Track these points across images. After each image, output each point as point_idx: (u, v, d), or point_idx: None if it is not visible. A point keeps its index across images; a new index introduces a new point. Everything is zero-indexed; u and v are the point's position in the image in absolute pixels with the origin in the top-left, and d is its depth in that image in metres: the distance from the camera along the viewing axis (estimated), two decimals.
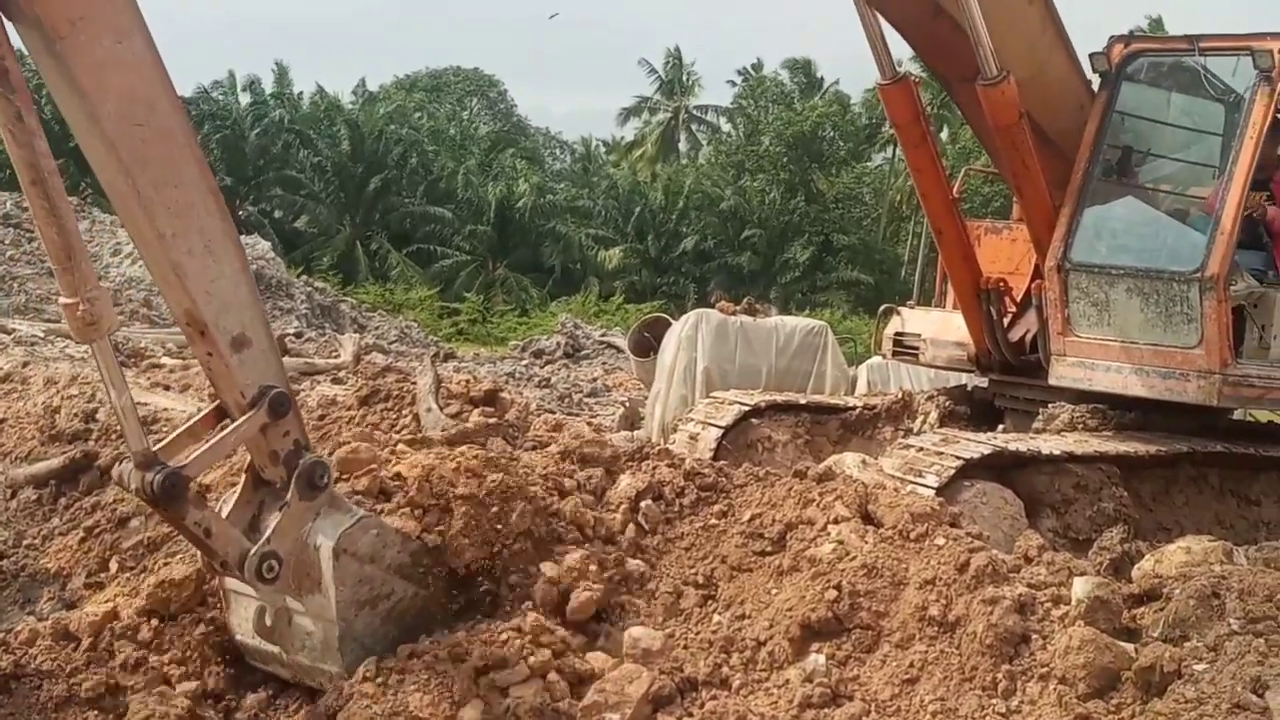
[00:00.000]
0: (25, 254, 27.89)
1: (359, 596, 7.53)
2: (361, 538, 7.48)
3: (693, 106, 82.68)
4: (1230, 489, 11.41)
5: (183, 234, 7.21)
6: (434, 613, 7.71)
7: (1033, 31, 11.73)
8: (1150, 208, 11.88)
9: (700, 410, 13.40)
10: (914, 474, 10.07)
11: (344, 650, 7.41)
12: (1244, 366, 11.08)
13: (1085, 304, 11.51)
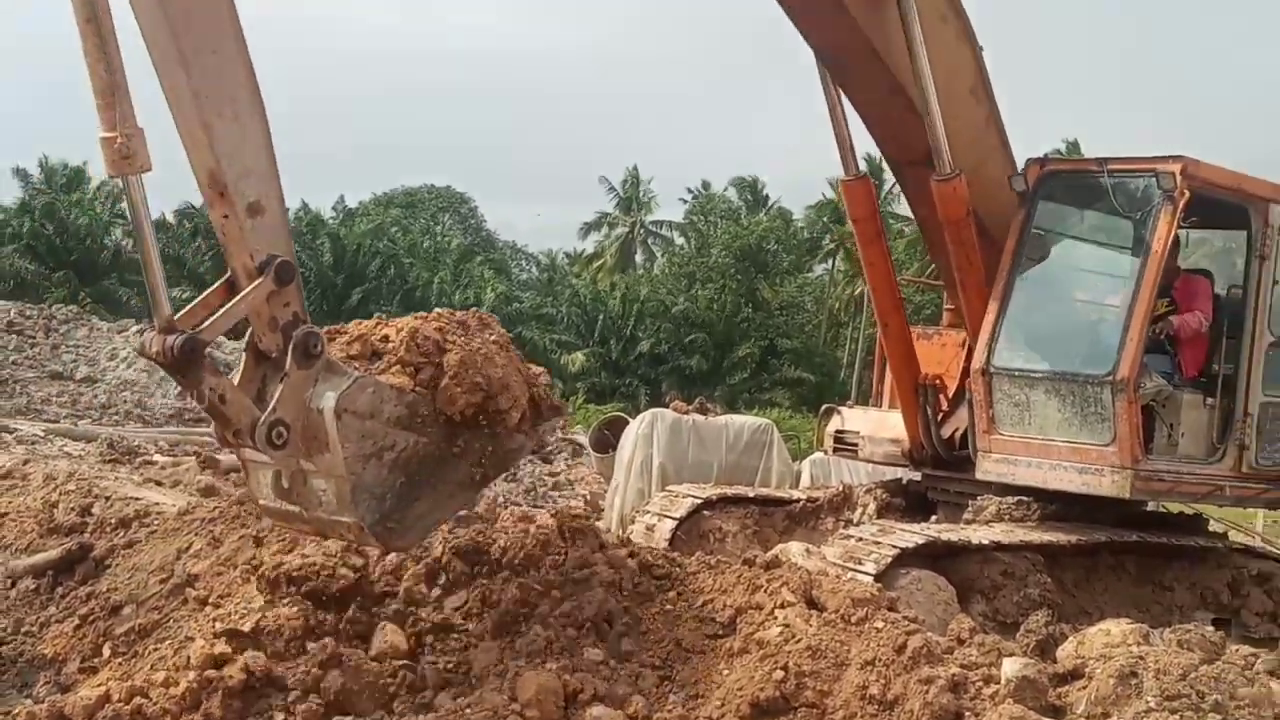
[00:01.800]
0: (27, 358, 27.81)
1: (364, 451, 7.61)
2: (359, 396, 7.55)
3: (649, 221, 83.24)
4: (1146, 576, 11.43)
5: (214, 97, 7.29)
6: (436, 458, 7.89)
7: (978, 129, 11.91)
8: (1066, 315, 11.98)
9: (656, 503, 13.38)
10: (854, 562, 10.07)
11: (357, 502, 7.55)
12: (1154, 462, 11.12)
13: (1008, 405, 11.56)
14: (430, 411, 7.86)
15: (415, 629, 7.71)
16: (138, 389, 27.18)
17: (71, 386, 26.98)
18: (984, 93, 11.93)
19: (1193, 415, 11.53)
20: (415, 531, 7.98)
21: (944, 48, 11.52)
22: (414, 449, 7.87)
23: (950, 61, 11.60)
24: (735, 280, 71.82)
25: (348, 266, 63.20)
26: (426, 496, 7.91)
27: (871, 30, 11.29)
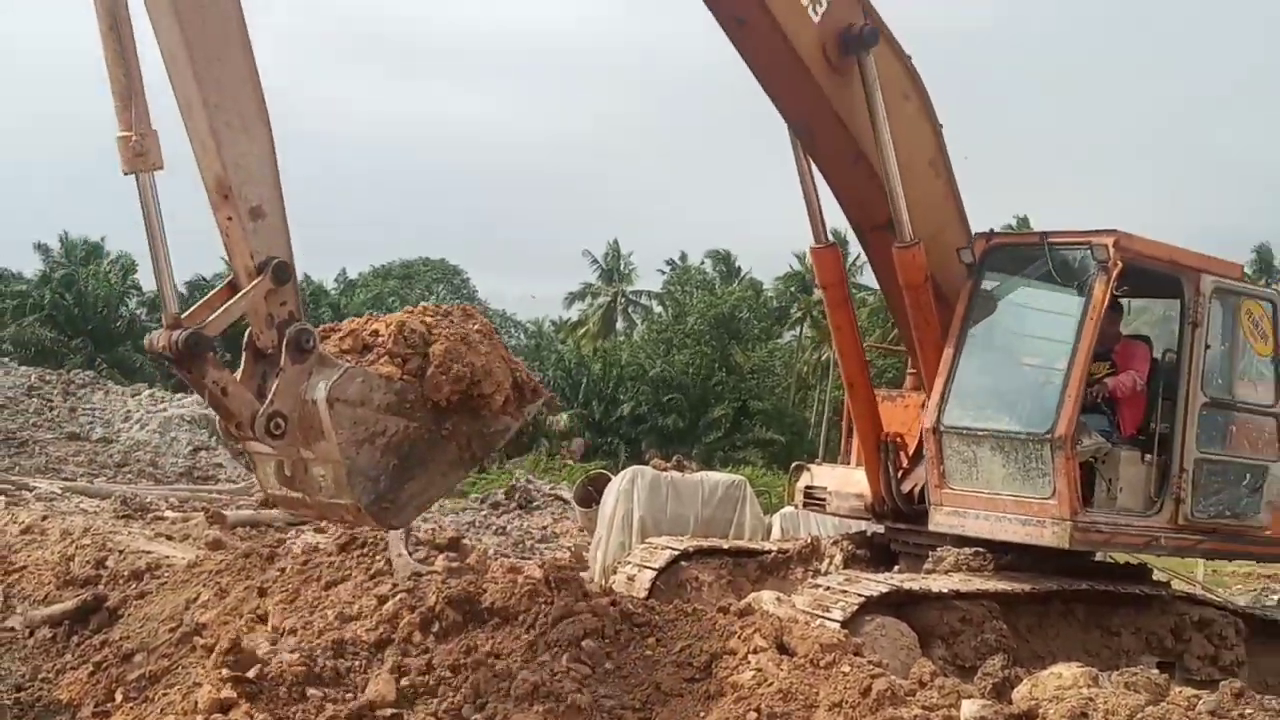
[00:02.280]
0: (46, 420, 27.76)
1: (357, 436, 7.72)
2: (349, 385, 7.65)
3: (629, 291, 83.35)
4: (1094, 622, 11.40)
5: (224, 107, 7.48)
6: (427, 440, 7.98)
7: (937, 200, 11.99)
8: (1010, 377, 12.03)
9: (637, 554, 13.34)
10: (822, 610, 10.03)
11: (353, 484, 7.66)
12: (1092, 514, 11.12)
13: (957, 460, 11.59)
14: (418, 397, 7.95)
15: (407, 678, 7.65)
16: (150, 449, 27.11)
17: (88, 446, 26.90)
18: (943, 166, 12.04)
19: (1131, 471, 11.52)
20: (410, 509, 8.11)
21: (905, 122, 11.66)
22: (404, 433, 7.96)
23: (910, 135, 11.74)
24: (710, 346, 71.94)
25: None
26: (419, 476, 8.03)
27: (836, 99, 11.41)
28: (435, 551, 9.87)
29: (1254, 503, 11.76)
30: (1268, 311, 11.93)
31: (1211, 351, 11.63)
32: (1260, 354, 11.89)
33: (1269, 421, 11.89)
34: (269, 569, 10.10)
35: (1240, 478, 11.75)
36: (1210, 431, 11.61)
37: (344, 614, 8.56)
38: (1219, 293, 11.65)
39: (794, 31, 10.99)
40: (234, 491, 23.55)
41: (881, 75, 11.29)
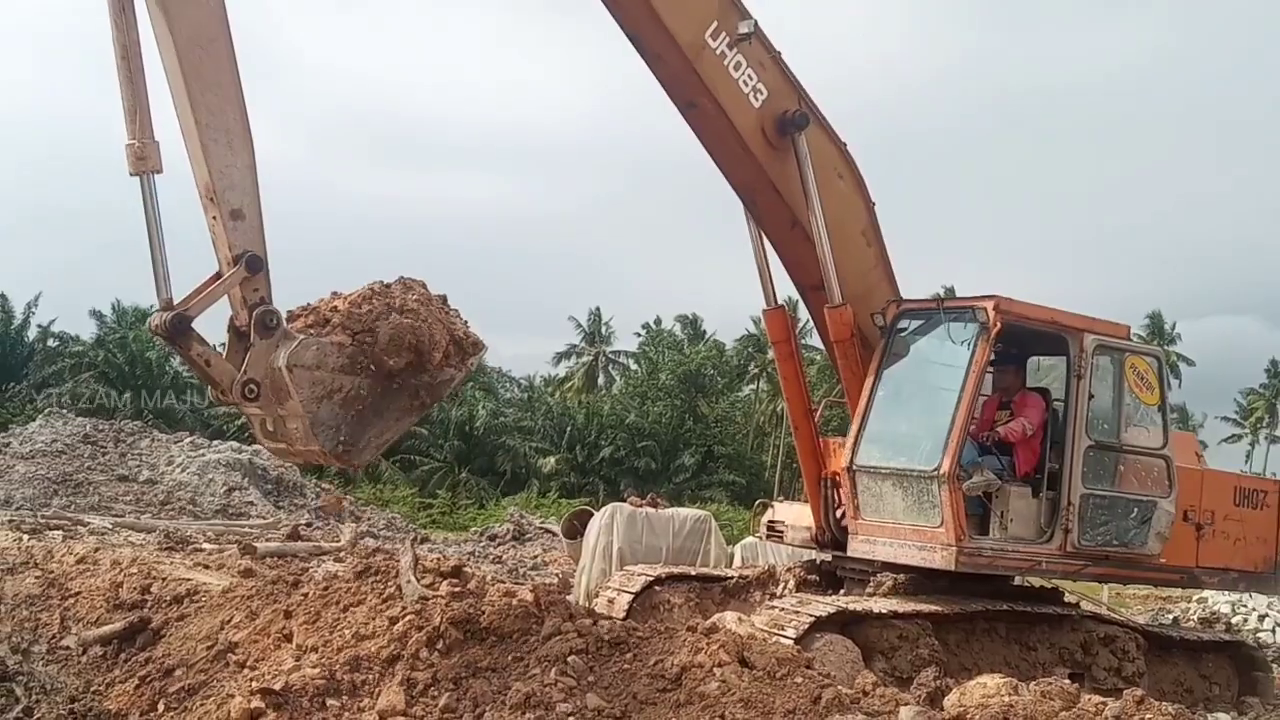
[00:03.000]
0: (99, 464, 27.58)
1: (316, 394, 8.21)
2: (305, 353, 8.14)
3: (609, 351, 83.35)
4: (1014, 638, 11.39)
5: (213, 127, 8.07)
6: (379, 393, 8.48)
7: (867, 266, 12.28)
8: (909, 423, 12.08)
9: (616, 580, 13.30)
10: (778, 628, 10.02)
11: (317, 433, 8.18)
12: (977, 541, 11.21)
13: (868, 495, 11.77)
14: (368, 359, 8.38)
15: (415, 689, 7.60)
16: (190, 489, 26.97)
17: (135, 487, 26.75)
18: (874, 236, 12.29)
19: (1020, 504, 11.58)
20: (369, 450, 8.63)
21: (839, 197, 11.98)
22: (358, 388, 8.40)
23: (844, 209, 12.04)
24: (679, 399, 71.97)
25: None
26: (376, 423, 8.51)
27: (772, 172, 11.77)
28: (440, 578, 9.80)
29: (1142, 533, 11.75)
30: (1152, 365, 12.04)
31: (1096, 400, 11.70)
32: (1147, 403, 11.94)
33: (1158, 462, 11.90)
34: (294, 594, 10.04)
35: (1128, 511, 11.76)
36: (1097, 470, 11.66)
37: (359, 633, 8.50)
38: (1101, 349, 11.77)
39: (736, 115, 11.45)
40: (263, 526, 23.46)
41: (816, 155, 11.65)
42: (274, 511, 26.87)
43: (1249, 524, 12.57)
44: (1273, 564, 12.57)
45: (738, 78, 11.37)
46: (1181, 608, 20.77)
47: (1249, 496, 12.53)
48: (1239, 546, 12.39)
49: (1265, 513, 12.67)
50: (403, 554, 10.07)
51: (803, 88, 11.78)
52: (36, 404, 48.85)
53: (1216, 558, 12.31)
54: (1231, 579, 12.73)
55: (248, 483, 28.22)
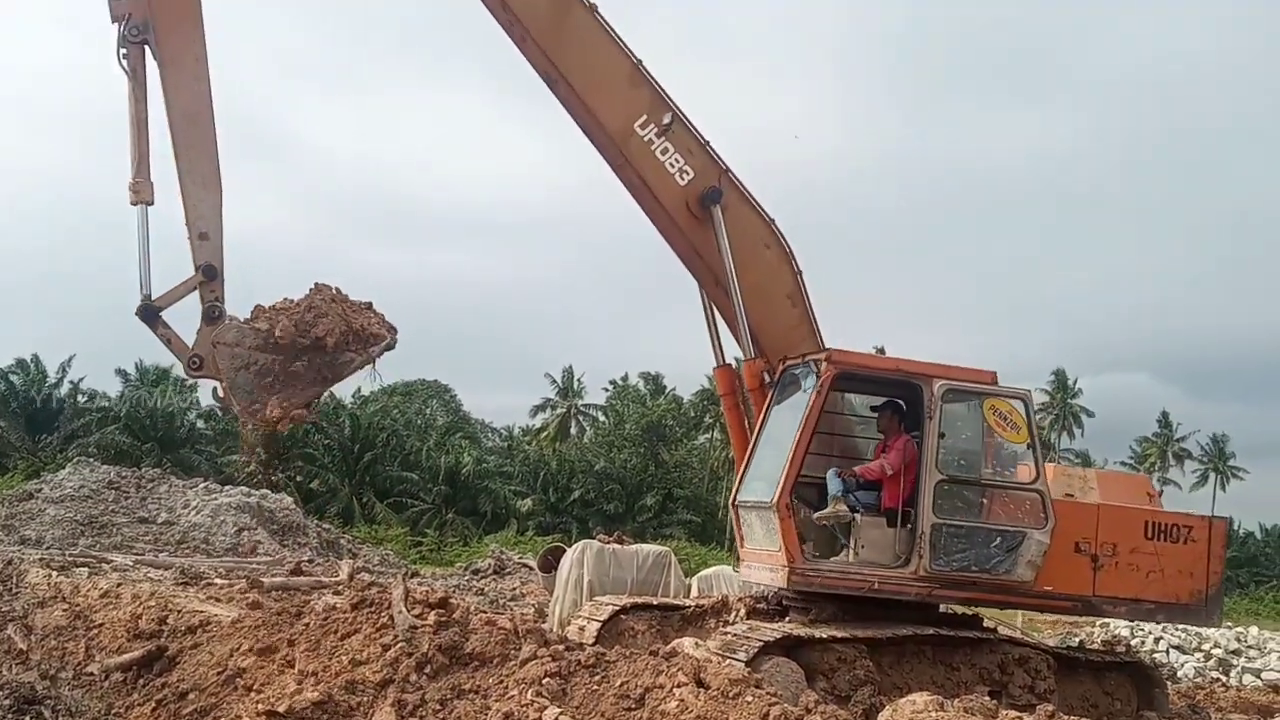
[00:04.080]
0: (122, 508, 27.34)
1: (235, 365, 10.17)
2: (227, 334, 10.24)
3: (580, 404, 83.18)
4: (940, 659, 11.34)
5: (193, 173, 10.37)
6: (284, 367, 10.26)
7: (791, 326, 12.48)
8: (772, 463, 11.81)
9: (586, 610, 13.21)
10: (730, 651, 9.97)
11: (236, 397, 10.22)
12: (814, 563, 11.31)
13: (746, 527, 12.07)
14: (279, 341, 10.16)
15: (405, 710, 7.51)
16: (203, 530, 26.74)
17: (154, 528, 26.49)
18: (799, 299, 12.44)
19: (874, 534, 11.51)
20: (277, 410, 10.25)
21: (766, 265, 12.40)
22: (270, 363, 10.18)
23: (770, 275, 12.37)
24: (642, 447, 71.91)
25: (361, 438, 62.59)
26: (283, 392, 10.19)
27: (696, 240, 12.30)
28: (428, 609, 9.72)
29: (1009, 561, 11.29)
30: (1016, 407, 11.56)
31: (949, 439, 11.42)
32: (1013, 441, 11.67)
33: (1031, 495, 11.44)
34: (296, 624, 9.94)
35: (989, 540, 11.34)
36: (952, 503, 11.36)
37: (355, 659, 8.41)
38: (952, 393, 11.45)
39: (661, 192, 12.15)
40: (270, 564, 23.22)
41: (743, 228, 12.19)
42: (279, 550, 26.62)
43: (1168, 557, 11.87)
44: (1202, 597, 11.95)
45: (664, 160, 12.05)
46: (1086, 632, 20.81)
47: (1166, 531, 11.93)
48: (1154, 579, 11.83)
49: (1191, 547, 11.92)
50: (395, 587, 9.99)
51: (731, 172, 12.19)
52: (66, 454, 48.30)
53: (1121, 588, 11.80)
54: (1146, 610, 12.14)
55: (256, 524, 27.98)
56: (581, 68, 11.91)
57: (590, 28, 11.84)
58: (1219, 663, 18.32)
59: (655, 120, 11.91)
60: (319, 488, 60.21)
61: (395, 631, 8.74)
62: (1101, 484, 12.28)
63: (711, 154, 12.17)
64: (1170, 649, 18.81)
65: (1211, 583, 11.97)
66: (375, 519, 56.81)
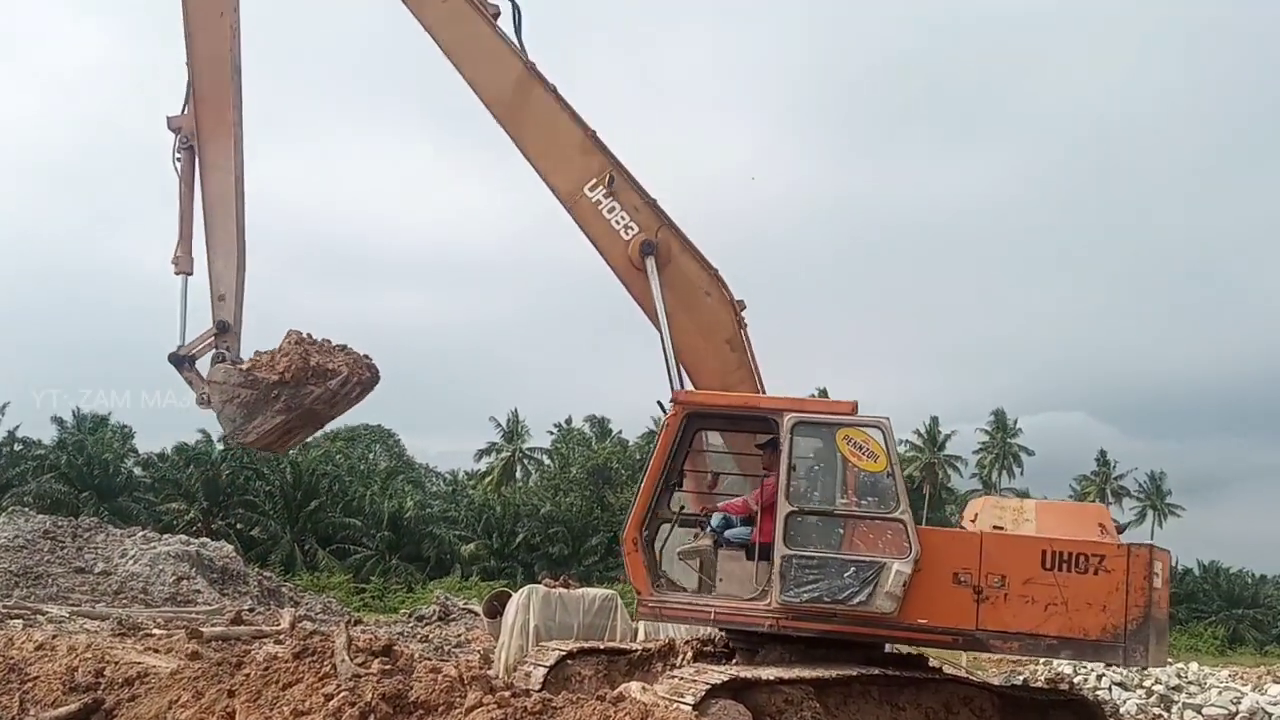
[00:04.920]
0: (58, 558, 26.85)
1: (224, 399, 12.90)
2: (217, 373, 12.97)
3: (525, 448, 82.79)
4: (885, 699, 11.35)
5: (219, 247, 13.15)
6: (264, 401, 12.81)
7: (730, 369, 12.72)
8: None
9: (532, 655, 13.09)
10: (678, 695, 9.92)
11: (223, 423, 13.20)
12: (660, 594, 11.60)
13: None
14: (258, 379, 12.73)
15: None
16: (142, 579, 26.32)
17: (91, 578, 26.03)
18: (739, 344, 12.69)
19: (734, 566, 11.62)
20: (254, 434, 13.02)
21: (707, 311, 12.80)
22: (249, 396, 12.69)
23: (710, 321, 12.70)
24: (588, 490, 71.64)
25: (304, 484, 61.96)
26: (257, 417, 12.80)
27: (635, 288, 12.82)
28: (372, 657, 9.60)
29: (866, 593, 10.92)
30: (875, 436, 11.25)
31: (800, 471, 11.37)
32: (871, 470, 11.24)
33: (894, 525, 11.08)
34: (237, 674, 9.78)
35: (843, 571, 11.01)
36: (806, 534, 11.20)
37: (297, 709, 8.29)
38: (802, 425, 11.37)
39: (605, 249, 12.88)
40: (209, 613, 22.86)
41: (685, 277, 12.66)
42: (219, 598, 26.23)
43: (1074, 589, 10.84)
44: (1120, 633, 10.75)
45: (610, 219, 12.72)
46: (1030, 670, 20.96)
47: (1071, 560, 10.88)
48: (1053, 612, 10.84)
49: (1103, 578, 10.81)
50: (337, 635, 9.87)
51: (673, 225, 12.68)
52: (1, 503, 47.31)
53: (1010, 623, 10.90)
54: (1047, 646, 11.03)
55: (195, 572, 27.59)
56: (536, 140, 12.83)
57: (549, 107, 12.73)
58: (1160, 699, 18.48)
59: (603, 182, 12.67)
60: (260, 535, 59.47)
61: (338, 680, 8.63)
62: (1041, 515, 11.60)
63: (654, 209, 12.68)
64: (1112, 685, 18.96)
65: (1132, 617, 10.78)
66: (317, 566, 56.18)
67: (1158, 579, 10.98)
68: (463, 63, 12.83)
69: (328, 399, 13.16)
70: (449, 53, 12.83)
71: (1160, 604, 11.22)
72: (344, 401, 13.53)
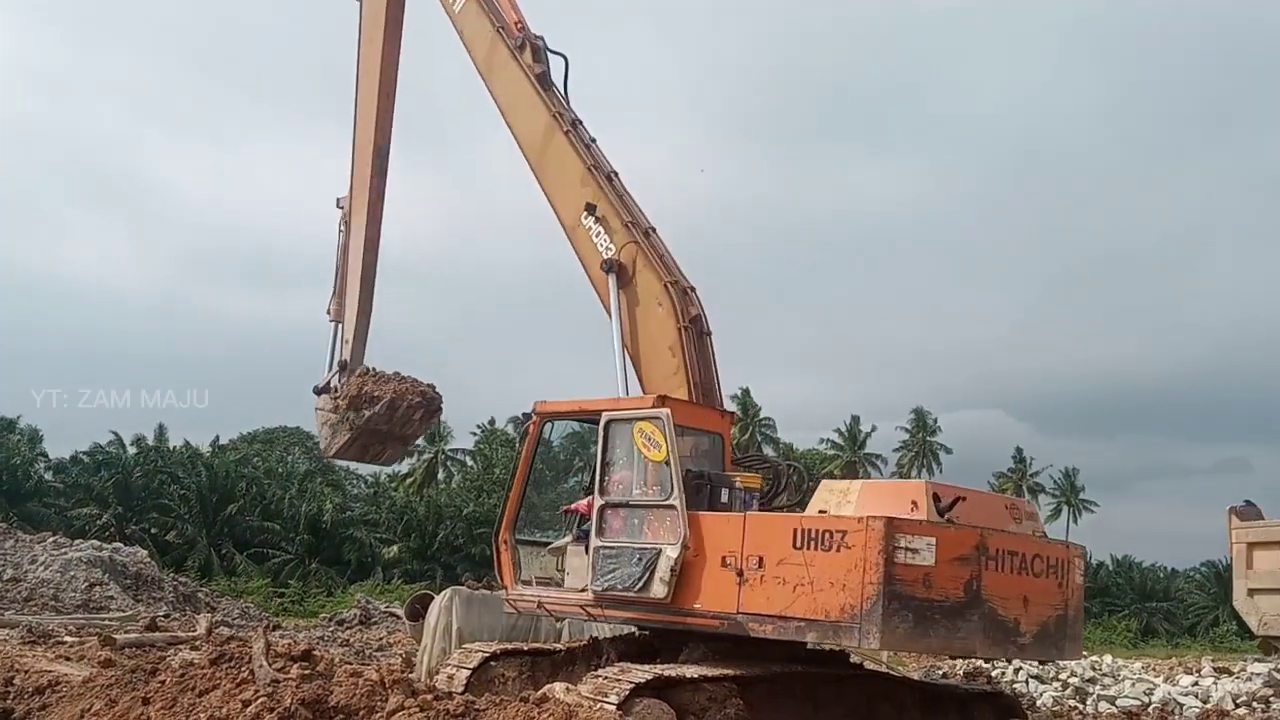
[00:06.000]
0: None
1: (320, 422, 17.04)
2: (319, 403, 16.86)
3: (447, 449, 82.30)
4: (807, 696, 11.43)
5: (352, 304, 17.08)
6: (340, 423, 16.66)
7: (669, 372, 13.07)
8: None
9: (454, 658, 13.03)
10: (602, 695, 9.92)
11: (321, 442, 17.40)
12: (520, 589, 12.69)
13: None
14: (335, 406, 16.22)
15: None
16: (53, 586, 25.69)
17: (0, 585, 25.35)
18: (679, 350, 12.93)
19: (575, 561, 12.21)
20: (332, 450, 17.19)
21: (657, 319, 13.14)
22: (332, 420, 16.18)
23: (659, 328, 13.09)
24: None
25: (221, 487, 61.03)
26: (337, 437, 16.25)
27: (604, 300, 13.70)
28: (291, 662, 9.48)
29: (646, 580, 11.19)
30: (658, 426, 11.53)
31: (615, 466, 11.93)
32: (654, 460, 11.54)
33: (670, 512, 11.26)
34: (152, 681, 9.61)
35: (633, 559, 11.37)
36: (613, 525, 11.77)
37: (214, 716, 8.15)
38: (613, 422, 11.94)
39: (589, 265, 14.00)
40: (123, 619, 22.42)
41: (646, 288, 13.25)
42: (133, 605, 25.72)
43: (819, 568, 10.12)
44: (856, 613, 9.82)
45: (596, 241, 13.79)
46: (949, 664, 21.26)
47: (817, 538, 10.20)
48: (801, 593, 10.21)
49: (844, 554, 9.96)
50: (255, 640, 9.74)
51: (643, 242, 13.53)
52: None
53: (765, 605, 10.48)
54: (796, 627, 10.31)
55: (108, 578, 27.02)
56: (551, 178, 14.37)
57: (563, 147, 14.25)
58: (1076, 691, 18.86)
59: (590, 210, 13.87)
60: (175, 539, 58.48)
61: (256, 686, 8.50)
62: (863, 494, 10.72)
63: (629, 229, 13.60)
64: (1029, 679, 19.31)
65: (867, 595, 9.74)
66: (235, 571, 55.40)
67: (911, 555, 9.90)
68: (514, 118, 14.80)
69: (383, 419, 16.80)
70: (505, 110, 14.89)
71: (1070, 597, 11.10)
72: (406, 422, 17.19)
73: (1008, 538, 10.69)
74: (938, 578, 9.95)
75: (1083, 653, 13.15)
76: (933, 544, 9.96)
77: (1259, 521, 16.17)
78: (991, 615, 10.32)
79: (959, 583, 10.09)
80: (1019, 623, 10.60)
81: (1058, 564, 11.12)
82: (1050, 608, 10.96)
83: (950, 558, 10.05)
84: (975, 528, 10.39)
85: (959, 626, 10.08)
